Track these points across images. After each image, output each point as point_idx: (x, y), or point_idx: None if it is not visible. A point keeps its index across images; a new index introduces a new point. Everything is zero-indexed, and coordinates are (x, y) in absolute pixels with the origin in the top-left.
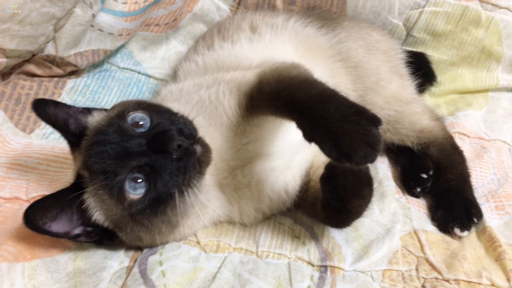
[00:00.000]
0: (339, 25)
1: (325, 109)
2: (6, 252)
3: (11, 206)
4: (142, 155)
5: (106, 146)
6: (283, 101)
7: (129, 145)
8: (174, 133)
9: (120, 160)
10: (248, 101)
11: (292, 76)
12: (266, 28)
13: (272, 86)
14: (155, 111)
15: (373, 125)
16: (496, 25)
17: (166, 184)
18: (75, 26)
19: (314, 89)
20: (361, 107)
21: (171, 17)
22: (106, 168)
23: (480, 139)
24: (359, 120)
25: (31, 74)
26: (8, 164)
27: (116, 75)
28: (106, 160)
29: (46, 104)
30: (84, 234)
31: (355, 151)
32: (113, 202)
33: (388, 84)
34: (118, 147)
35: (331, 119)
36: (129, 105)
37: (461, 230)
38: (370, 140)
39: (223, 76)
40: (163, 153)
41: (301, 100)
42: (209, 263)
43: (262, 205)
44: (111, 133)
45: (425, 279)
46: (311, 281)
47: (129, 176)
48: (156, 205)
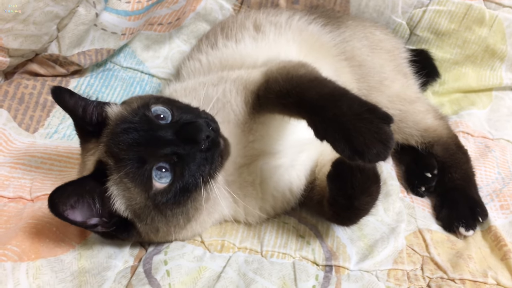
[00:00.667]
0: (343, 24)
1: (337, 107)
2: (11, 251)
3: (15, 205)
4: (170, 144)
5: (134, 133)
6: (293, 100)
7: (157, 133)
8: (203, 124)
9: (149, 148)
10: (255, 99)
11: (300, 75)
12: (270, 26)
13: (280, 84)
14: (175, 106)
15: (385, 123)
16: (500, 24)
17: (193, 173)
18: (79, 25)
19: (325, 88)
20: (373, 105)
21: (174, 16)
22: (133, 155)
23: (484, 138)
24: (371, 118)
25: (35, 73)
26: (11, 163)
27: (119, 75)
28: (134, 148)
29: (65, 92)
30: (101, 224)
31: (368, 149)
32: (138, 190)
33: (392, 83)
34: (147, 135)
35: (344, 117)
36: (149, 98)
37: (466, 230)
38: (383, 137)
39: (228, 74)
40: (192, 143)
41: (312, 99)
42: (213, 262)
43: (266, 204)
44: (138, 121)
45: (430, 278)
46: (316, 280)
47: (157, 164)
48: (180, 195)
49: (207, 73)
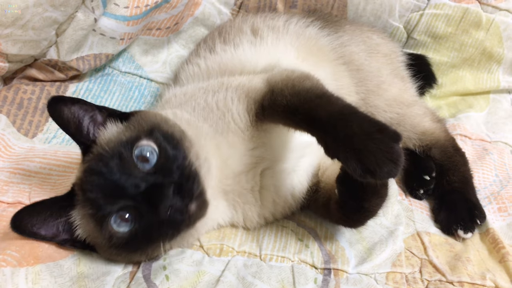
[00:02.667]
0: (341, 28)
1: (348, 127)
2: (10, 257)
3: (14, 210)
4: (133, 199)
5: (102, 177)
6: (302, 117)
7: (124, 184)
8: (169, 193)
9: (112, 196)
10: (259, 108)
11: (307, 89)
12: (268, 31)
13: (287, 99)
14: (167, 145)
15: (395, 142)
16: (497, 27)
17: (149, 236)
18: (77, 31)
19: (334, 106)
20: (383, 124)
21: (173, 21)
22: (97, 200)
23: (482, 141)
24: (382, 137)
25: (33, 78)
26: (10, 169)
27: (118, 79)
28: (98, 192)
29: (61, 104)
30: (69, 241)
31: (380, 168)
32: (96, 229)
33: (389, 87)
34: (113, 184)
35: (355, 137)
36: (142, 130)
37: (465, 232)
38: (394, 157)
39: (229, 81)
40: (153, 208)
41: (322, 118)
42: (212, 266)
43: (265, 211)
44: (110, 166)
45: (428, 281)
46: (315, 284)
47: (116, 213)
48: (136, 246)
49: (206, 78)
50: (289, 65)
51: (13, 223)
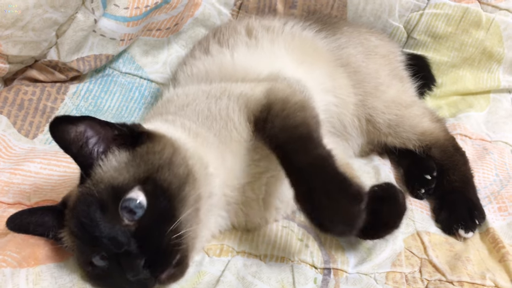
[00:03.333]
0: (339, 30)
1: (312, 181)
2: (10, 257)
3: (15, 211)
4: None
5: (82, 223)
6: (281, 155)
7: (101, 238)
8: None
9: (89, 245)
10: (257, 120)
11: (295, 125)
12: (263, 31)
13: (275, 129)
14: (159, 202)
15: (355, 203)
16: (497, 27)
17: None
18: (77, 32)
19: (308, 155)
20: (346, 184)
21: (173, 22)
22: (77, 236)
23: (482, 141)
24: (340, 197)
25: (34, 79)
26: (11, 169)
27: (118, 80)
28: (79, 233)
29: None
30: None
31: (331, 226)
32: (78, 255)
33: (387, 88)
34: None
35: (315, 193)
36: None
37: (466, 231)
38: (347, 218)
39: (231, 88)
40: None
41: (294, 166)
42: (212, 266)
43: (267, 215)
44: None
45: (428, 281)
46: (315, 283)
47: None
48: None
49: (205, 80)
50: (292, 74)
51: (8, 222)
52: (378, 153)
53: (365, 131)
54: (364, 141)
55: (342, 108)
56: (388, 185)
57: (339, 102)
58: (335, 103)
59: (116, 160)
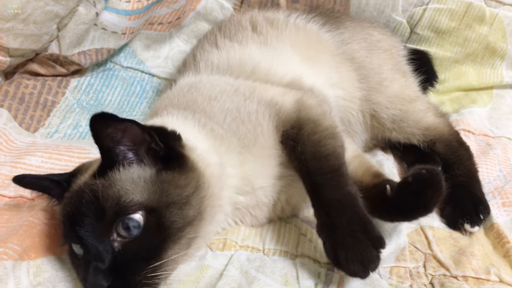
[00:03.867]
0: (342, 24)
1: (337, 218)
2: (11, 250)
3: (16, 204)
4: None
5: (78, 216)
6: (309, 185)
7: (86, 240)
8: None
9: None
10: (285, 132)
11: (326, 155)
12: (267, 27)
13: (306, 157)
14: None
15: (375, 247)
16: (500, 22)
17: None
18: (79, 25)
19: (338, 192)
20: (370, 227)
21: (175, 16)
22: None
23: (485, 136)
24: (362, 238)
25: (35, 73)
26: (12, 163)
27: (120, 74)
28: (66, 221)
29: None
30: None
31: (347, 264)
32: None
33: (391, 83)
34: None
35: (339, 230)
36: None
37: (472, 226)
38: (365, 260)
39: (261, 91)
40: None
41: (323, 199)
42: (216, 261)
43: (273, 215)
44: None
45: (433, 276)
46: (318, 278)
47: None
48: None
49: (228, 72)
50: (314, 84)
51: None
52: (382, 148)
53: (369, 127)
54: (368, 137)
55: (349, 101)
56: (434, 169)
57: (346, 95)
58: (343, 96)
59: (138, 174)
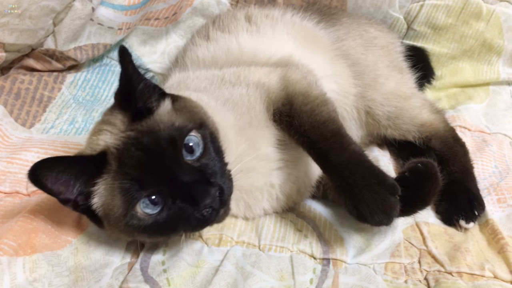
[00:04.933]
0: (338, 21)
1: (351, 177)
2: (7, 246)
3: (12, 200)
4: (173, 186)
5: (149, 155)
6: (315, 154)
7: (174, 171)
8: (214, 193)
9: (153, 176)
10: (276, 110)
11: (323, 122)
12: (262, 18)
13: (305, 128)
14: (212, 145)
15: (392, 194)
16: (497, 18)
17: (175, 227)
18: (75, 20)
19: (344, 153)
20: (383, 177)
21: (171, 11)
22: (136, 176)
23: (481, 133)
24: (379, 189)
25: (31, 68)
26: (8, 158)
27: (116, 70)
28: (140, 169)
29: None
30: (72, 204)
31: (372, 217)
32: (121, 203)
33: (386, 80)
34: (158, 165)
35: (355, 187)
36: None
37: (467, 222)
38: (387, 208)
39: (246, 74)
40: (193, 202)
41: (332, 163)
42: (211, 256)
43: (267, 206)
44: (162, 147)
45: (427, 271)
46: (314, 274)
47: (150, 195)
48: (155, 230)
49: (214, 65)
50: (301, 60)
51: (32, 172)
52: (378, 144)
53: (364, 123)
54: (364, 133)
55: (343, 96)
56: (429, 162)
57: (340, 89)
58: (336, 91)
59: (167, 108)
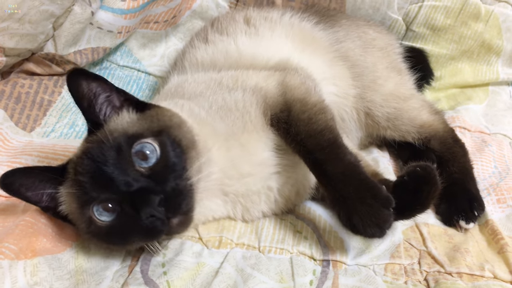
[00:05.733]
0: (337, 23)
1: (345, 189)
2: (8, 249)
3: (12, 204)
4: (120, 194)
5: (95, 165)
6: (311, 161)
7: (115, 178)
8: (155, 203)
9: (100, 186)
10: (273, 115)
11: (320, 131)
12: (261, 20)
13: (302, 137)
14: (171, 151)
15: (385, 207)
16: (496, 19)
17: (130, 232)
18: (74, 24)
19: (339, 164)
20: (377, 190)
21: (170, 14)
22: (84, 184)
23: (481, 133)
24: (373, 202)
25: (31, 72)
26: (8, 162)
27: (116, 73)
28: (88, 178)
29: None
30: (52, 210)
31: (364, 229)
32: (79, 212)
33: (385, 82)
34: (104, 175)
35: (349, 200)
36: (151, 128)
37: (467, 222)
38: (380, 222)
39: (244, 78)
40: (135, 210)
41: (327, 174)
42: (211, 258)
43: (266, 208)
44: (106, 157)
45: (427, 272)
46: (314, 275)
47: (100, 203)
48: (113, 237)
49: (212, 67)
50: (300, 64)
51: (2, 180)
52: (377, 145)
53: (363, 125)
54: (363, 135)
55: (342, 98)
56: (428, 166)
57: (339, 91)
58: (335, 93)
59: (129, 117)
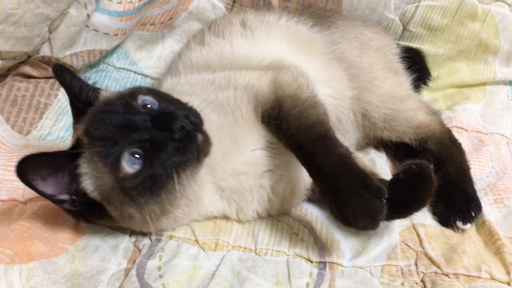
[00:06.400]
0: (333, 24)
1: (336, 181)
2: (3, 254)
3: (8, 208)
4: (144, 130)
5: (111, 114)
6: (302, 157)
7: (134, 118)
8: (179, 114)
9: (122, 130)
10: (265, 112)
11: (311, 125)
12: (257, 23)
13: (292, 131)
14: (165, 99)
15: (377, 197)
16: (493, 18)
17: (162, 162)
18: (70, 27)
19: (330, 156)
20: (368, 180)
21: (167, 16)
22: (107, 135)
23: (478, 133)
24: (364, 193)
25: (27, 75)
26: (4, 166)
27: (113, 75)
28: (108, 127)
29: (65, 71)
30: (69, 201)
31: (356, 221)
32: (107, 170)
33: (381, 83)
34: (123, 118)
35: (340, 191)
36: (140, 88)
37: (464, 223)
38: (371, 212)
39: (236, 77)
40: (166, 131)
41: (317, 167)
42: (208, 261)
43: (260, 208)
44: (118, 104)
45: (424, 273)
46: (310, 277)
47: (129, 148)
48: (149, 183)
49: (206, 69)
50: (293, 62)
51: (19, 169)
52: (374, 146)
53: (360, 126)
54: (360, 136)
55: (339, 100)
56: (423, 163)
57: (335, 93)
58: (331, 95)
59: (113, 92)
